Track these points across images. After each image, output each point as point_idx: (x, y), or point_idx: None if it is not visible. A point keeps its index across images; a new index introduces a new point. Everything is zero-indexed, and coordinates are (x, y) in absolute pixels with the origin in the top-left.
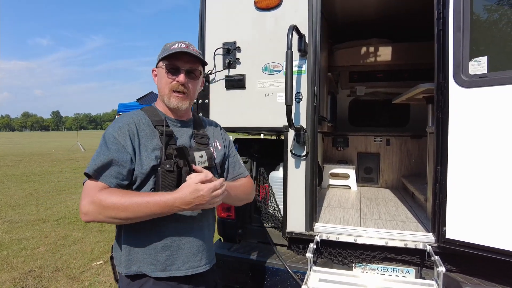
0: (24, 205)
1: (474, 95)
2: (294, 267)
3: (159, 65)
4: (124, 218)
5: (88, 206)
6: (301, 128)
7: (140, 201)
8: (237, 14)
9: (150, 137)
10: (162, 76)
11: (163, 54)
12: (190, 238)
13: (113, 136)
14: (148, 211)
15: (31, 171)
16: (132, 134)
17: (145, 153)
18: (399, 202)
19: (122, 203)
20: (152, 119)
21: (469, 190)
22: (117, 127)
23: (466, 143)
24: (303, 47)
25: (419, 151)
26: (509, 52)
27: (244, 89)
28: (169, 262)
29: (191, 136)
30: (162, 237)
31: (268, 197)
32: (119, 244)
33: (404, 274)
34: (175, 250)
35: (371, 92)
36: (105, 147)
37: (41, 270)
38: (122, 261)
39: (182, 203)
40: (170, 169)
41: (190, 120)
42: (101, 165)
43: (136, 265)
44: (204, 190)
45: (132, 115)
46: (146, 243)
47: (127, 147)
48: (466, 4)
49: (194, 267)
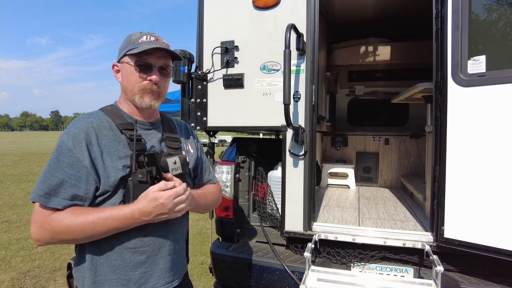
0: (23, 205)
1: (472, 94)
2: (292, 266)
3: (124, 60)
4: (81, 238)
5: (38, 233)
6: (299, 128)
7: (96, 219)
8: (235, 13)
9: (114, 143)
10: (130, 73)
11: (130, 48)
12: (166, 251)
13: (67, 147)
14: (106, 228)
15: (30, 171)
16: (90, 143)
17: (110, 163)
18: (398, 202)
19: (77, 226)
20: (116, 123)
21: (468, 189)
22: (71, 135)
23: (464, 142)
24: (301, 46)
25: (418, 151)
26: (507, 51)
27: (242, 88)
28: (143, 280)
29: (161, 139)
30: (135, 254)
31: (266, 197)
32: (81, 263)
33: (403, 274)
34: (150, 266)
35: (370, 92)
36: (56, 162)
37: (39, 270)
38: (86, 283)
39: (141, 214)
40: (143, 179)
41: (158, 121)
42: (49, 190)
43: (104, 287)
44: (164, 198)
45: (90, 118)
46: (116, 262)
47: (83, 160)
48: (465, 3)
49: (169, 282)
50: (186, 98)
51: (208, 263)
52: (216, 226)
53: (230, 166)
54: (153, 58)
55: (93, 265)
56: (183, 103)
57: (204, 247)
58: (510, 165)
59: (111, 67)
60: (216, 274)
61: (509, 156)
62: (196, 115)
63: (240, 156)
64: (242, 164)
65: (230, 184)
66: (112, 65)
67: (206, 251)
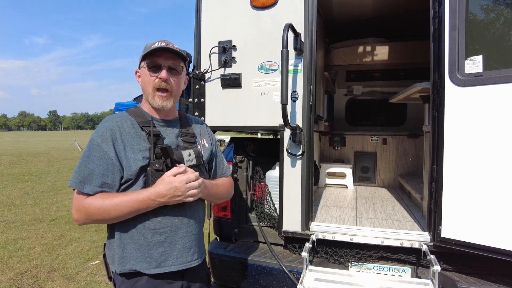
0: (20, 205)
1: (469, 94)
2: (290, 266)
3: (141, 65)
4: (110, 218)
5: (76, 214)
6: (297, 127)
7: (120, 201)
8: (233, 13)
9: (135, 138)
10: (144, 75)
11: (143, 53)
12: (183, 233)
13: (97, 143)
14: (129, 209)
15: (28, 171)
16: (115, 139)
17: (131, 155)
18: (395, 201)
19: (104, 207)
20: (138, 121)
21: (465, 189)
22: (100, 133)
23: (461, 142)
24: (299, 46)
25: (416, 150)
26: (504, 51)
27: (240, 88)
28: (163, 258)
29: (178, 135)
30: (155, 234)
31: (264, 197)
32: (112, 243)
33: (400, 273)
34: (168, 246)
35: (368, 91)
36: (88, 155)
37: (37, 270)
38: (116, 259)
39: (157, 196)
40: (160, 168)
41: (176, 119)
42: (83, 177)
43: (130, 263)
44: (177, 181)
45: (116, 118)
46: (139, 241)
47: (109, 153)
48: (462, 3)
49: (187, 262)
50: (184, 97)
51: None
52: (214, 226)
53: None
54: (162, 59)
55: (121, 244)
56: (181, 102)
57: None
58: (507, 165)
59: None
60: (214, 274)
61: (506, 156)
62: (194, 115)
63: (238, 156)
64: (240, 164)
65: None
66: (135, 72)
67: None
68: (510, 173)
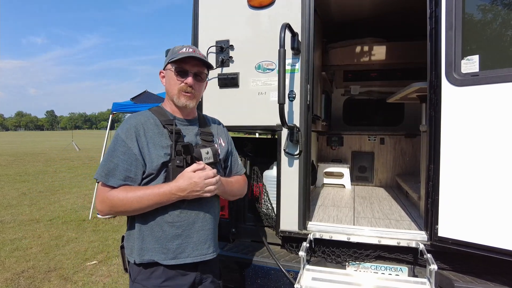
0: (17, 205)
1: (466, 94)
2: (287, 266)
3: (167, 67)
4: (132, 210)
5: (100, 205)
6: (294, 127)
7: (142, 194)
8: (230, 12)
9: (158, 136)
10: (171, 78)
11: (171, 57)
12: (199, 227)
13: (121, 139)
14: (150, 202)
15: (25, 171)
16: (138, 135)
17: (154, 151)
18: (393, 201)
19: (127, 199)
20: (160, 119)
21: (462, 188)
22: (125, 129)
23: (458, 141)
24: (296, 46)
25: (413, 150)
26: (500, 50)
27: (237, 88)
28: (179, 250)
29: (197, 133)
30: (173, 227)
31: (262, 196)
32: (131, 234)
33: (397, 273)
34: (185, 238)
35: (366, 91)
36: (113, 150)
37: (33, 271)
38: (135, 250)
39: (178, 190)
40: (180, 164)
41: (196, 119)
42: (108, 171)
43: (149, 253)
44: (196, 177)
45: (140, 116)
46: (158, 233)
47: (133, 149)
48: (458, 3)
49: (202, 254)
50: None
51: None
52: None
53: None
54: (189, 65)
55: (141, 235)
56: None
57: None
58: (503, 164)
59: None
60: None
61: (503, 155)
62: None
63: None
64: None
65: None
66: (159, 72)
67: None
68: (506, 172)
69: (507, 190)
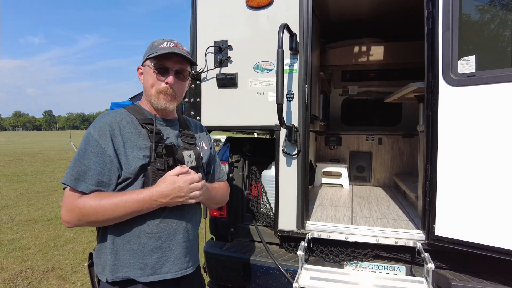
0: (15, 205)
1: (463, 94)
2: (285, 265)
3: (146, 63)
4: (105, 220)
5: (68, 215)
6: (293, 127)
7: (118, 201)
8: (228, 13)
9: (135, 136)
10: (150, 75)
11: (151, 52)
12: (180, 238)
13: (94, 138)
14: (128, 210)
15: (23, 171)
16: (113, 135)
17: (131, 153)
18: (390, 201)
19: (101, 207)
20: (138, 118)
21: (459, 188)
22: (98, 127)
23: (455, 141)
24: (294, 46)
25: (411, 150)
26: (496, 51)
27: (235, 88)
28: (158, 265)
29: (178, 135)
30: (152, 239)
31: (260, 196)
32: (102, 249)
33: (395, 272)
34: (165, 251)
35: (364, 91)
36: (84, 151)
37: (32, 271)
38: (108, 266)
39: (159, 196)
40: (161, 167)
41: (176, 120)
42: (78, 175)
43: (123, 270)
44: (181, 181)
45: (115, 114)
46: (134, 246)
47: (107, 150)
48: (455, 3)
49: (183, 269)
50: None
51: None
52: (210, 226)
53: (224, 165)
54: (170, 62)
55: (114, 249)
56: None
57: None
58: (500, 163)
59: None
60: (210, 273)
61: (499, 154)
62: (190, 114)
63: (234, 156)
64: (236, 163)
65: None
66: (137, 68)
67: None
68: (503, 172)
69: (503, 190)
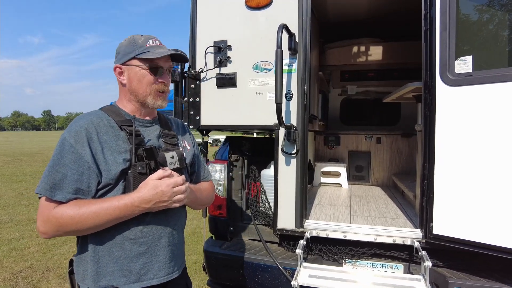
0: (14, 205)
1: (459, 94)
2: (284, 263)
3: (132, 62)
4: (85, 229)
5: (44, 226)
6: (291, 126)
7: (98, 209)
8: (228, 13)
9: (114, 139)
10: (142, 76)
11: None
12: (165, 243)
13: (69, 144)
14: (109, 217)
15: (22, 171)
16: (91, 139)
17: (110, 157)
18: (389, 200)
19: (79, 216)
20: (115, 119)
21: (456, 186)
22: (73, 132)
23: (452, 140)
24: (293, 46)
25: (410, 149)
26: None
27: (235, 88)
28: (143, 271)
29: (159, 135)
30: (135, 245)
31: (259, 195)
32: (83, 258)
33: (393, 270)
34: (150, 257)
35: (362, 91)
36: (59, 158)
37: (31, 270)
38: (89, 275)
39: (141, 201)
40: (143, 171)
41: (156, 119)
42: (53, 184)
43: (106, 278)
44: (163, 185)
45: (90, 116)
46: (117, 253)
47: (84, 155)
48: (452, 4)
49: (169, 273)
50: (179, 97)
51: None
52: (209, 225)
53: (223, 164)
54: (162, 61)
55: (95, 257)
56: (176, 102)
57: (198, 246)
58: (496, 162)
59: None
60: (210, 272)
61: (496, 153)
62: (189, 114)
63: (233, 155)
64: (235, 162)
65: (223, 182)
66: (114, 68)
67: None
68: (499, 170)
69: (499, 188)
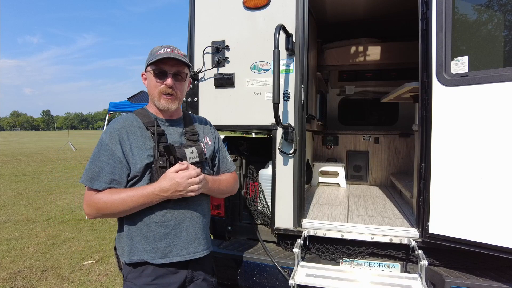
0: (13, 205)
1: (456, 94)
2: (282, 263)
3: (147, 69)
4: (117, 212)
5: (87, 209)
6: (289, 126)
7: (126, 196)
8: (226, 13)
9: (141, 138)
10: (150, 80)
11: (150, 59)
12: (187, 226)
13: (105, 143)
14: (135, 203)
15: (21, 171)
16: (122, 139)
17: (137, 153)
18: (386, 199)
19: (112, 202)
20: (143, 121)
21: (452, 186)
22: (108, 133)
23: (448, 140)
24: (290, 46)
25: (407, 149)
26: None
27: (233, 88)
28: (168, 250)
29: (182, 133)
30: (160, 227)
31: (257, 195)
32: (121, 236)
33: (390, 269)
34: (173, 238)
35: (361, 91)
36: (97, 154)
37: (30, 270)
38: (125, 251)
39: (160, 191)
40: (163, 165)
41: (180, 119)
42: (93, 175)
43: (138, 253)
44: (179, 177)
45: (123, 120)
46: (146, 234)
47: (117, 152)
48: (448, 5)
49: (191, 253)
50: None
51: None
52: None
53: None
54: (168, 66)
55: (130, 236)
56: None
57: None
58: (492, 162)
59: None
60: None
61: (491, 153)
62: None
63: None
64: None
65: None
66: (141, 74)
67: None
68: (495, 170)
69: (495, 188)
